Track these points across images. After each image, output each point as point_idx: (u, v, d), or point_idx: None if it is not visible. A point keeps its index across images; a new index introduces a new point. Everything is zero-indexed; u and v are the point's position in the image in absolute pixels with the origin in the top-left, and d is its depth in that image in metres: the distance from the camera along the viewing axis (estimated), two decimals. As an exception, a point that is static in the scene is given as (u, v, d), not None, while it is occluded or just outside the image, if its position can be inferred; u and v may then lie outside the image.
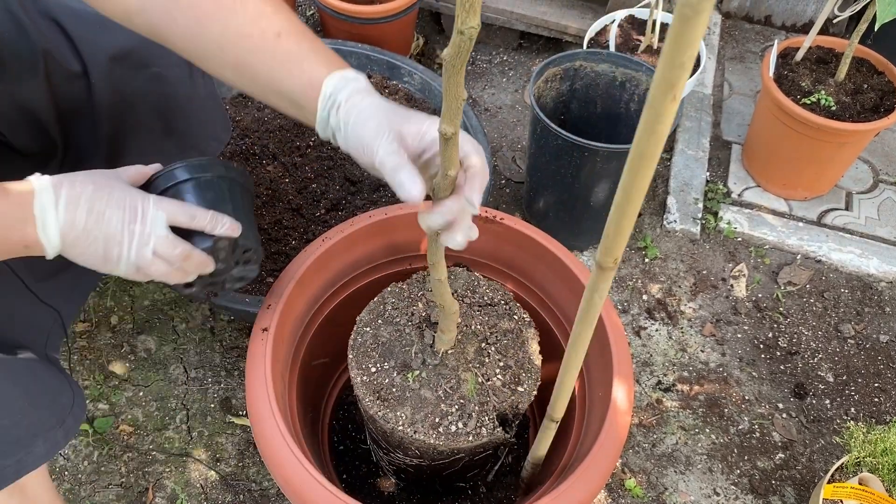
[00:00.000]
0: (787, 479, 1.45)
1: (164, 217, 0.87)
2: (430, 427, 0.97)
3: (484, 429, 0.98)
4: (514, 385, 1.03)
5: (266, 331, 1.01)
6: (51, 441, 0.91)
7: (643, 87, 1.64)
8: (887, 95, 1.74)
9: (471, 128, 1.62)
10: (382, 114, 0.77)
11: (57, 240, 0.81)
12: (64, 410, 0.93)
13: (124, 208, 0.85)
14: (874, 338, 1.68)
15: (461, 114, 0.65)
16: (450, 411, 0.98)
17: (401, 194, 0.74)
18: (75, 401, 0.95)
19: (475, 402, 1.00)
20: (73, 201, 0.81)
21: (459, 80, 0.60)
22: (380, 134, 0.76)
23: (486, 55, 2.34)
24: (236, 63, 0.84)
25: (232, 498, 1.38)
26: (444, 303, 0.94)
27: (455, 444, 0.97)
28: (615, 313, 1.09)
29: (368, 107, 0.78)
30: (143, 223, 0.86)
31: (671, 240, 1.84)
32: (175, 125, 1.18)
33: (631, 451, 1.48)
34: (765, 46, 2.40)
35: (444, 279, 0.90)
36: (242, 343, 1.60)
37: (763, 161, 1.92)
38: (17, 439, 0.87)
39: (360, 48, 1.80)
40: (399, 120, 0.77)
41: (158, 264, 0.88)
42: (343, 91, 0.80)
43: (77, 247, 0.83)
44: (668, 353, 1.63)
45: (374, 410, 0.98)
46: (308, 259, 1.11)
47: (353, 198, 1.65)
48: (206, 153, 1.25)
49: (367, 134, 0.77)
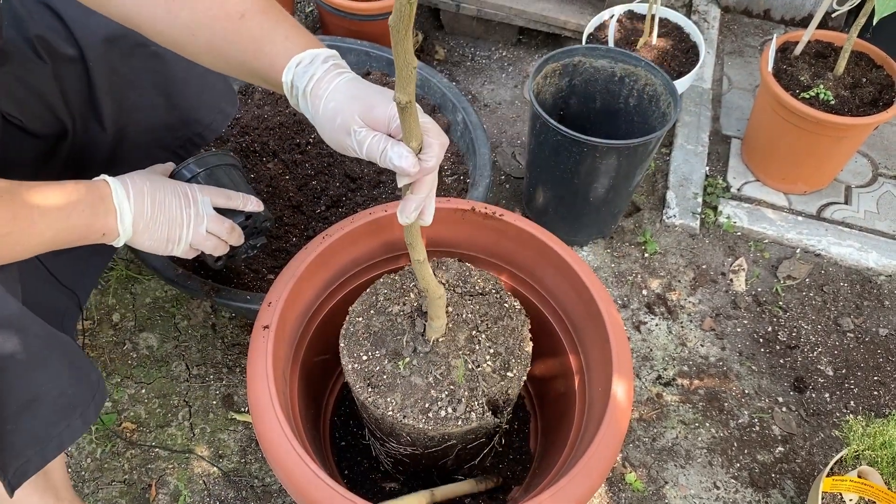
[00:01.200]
0: (787, 473, 1.46)
1: (209, 200, 1.05)
2: (419, 412, 0.98)
3: (473, 413, 0.99)
4: (504, 371, 1.04)
5: (267, 328, 1.02)
6: (85, 416, 0.94)
7: (642, 83, 1.64)
8: (886, 89, 1.74)
9: (470, 123, 1.62)
10: (347, 107, 0.78)
11: (130, 228, 0.95)
12: (93, 387, 0.96)
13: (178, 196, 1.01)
14: (873, 331, 1.68)
15: (414, 81, 0.64)
16: (439, 397, 1.00)
17: (397, 169, 0.75)
18: (100, 379, 0.98)
19: (465, 388, 1.01)
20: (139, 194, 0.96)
21: (408, 47, 0.60)
22: (348, 132, 0.77)
23: (485, 51, 2.34)
24: (209, 47, 0.86)
25: (234, 494, 1.39)
26: (427, 286, 0.94)
27: (445, 430, 0.98)
28: (615, 308, 1.09)
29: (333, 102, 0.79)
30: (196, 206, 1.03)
31: (670, 234, 1.84)
32: (177, 101, 1.22)
33: (631, 445, 1.48)
34: (764, 40, 2.39)
35: (424, 260, 0.90)
36: (244, 340, 1.61)
37: (762, 155, 1.92)
38: (63, 410, 0.91)
39: (359, 45, 1.80)
40: (365, 110, 0.77)
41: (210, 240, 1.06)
42: (301, 79, 0.81)
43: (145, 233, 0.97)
44: (668, 348, 1.64)
45: (365, 397, 1.00)
46: (309, 256, 1.11)
47: (353, 194, 1.66)
48: (212, 127, 1.29)
49: (337, 136, 0.79)
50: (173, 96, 1.20)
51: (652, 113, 1.65)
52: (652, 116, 1.65)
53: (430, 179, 0.80)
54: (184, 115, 1.24)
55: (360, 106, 0.77)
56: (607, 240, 1.83)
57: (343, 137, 0.78)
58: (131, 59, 1.12)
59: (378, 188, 1.66)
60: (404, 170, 0.74)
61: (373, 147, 0.75)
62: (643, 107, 1.67)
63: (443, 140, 0.77)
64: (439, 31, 2.38)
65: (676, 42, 1.95)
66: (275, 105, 1.80)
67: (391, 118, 0.76)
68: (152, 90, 1.17)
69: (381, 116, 0.76)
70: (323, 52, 0.83)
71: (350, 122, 0.76)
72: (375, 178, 1.68)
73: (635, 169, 1.57)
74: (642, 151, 1.51)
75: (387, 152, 0.74)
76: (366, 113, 0.76)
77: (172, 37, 0.88)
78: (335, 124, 0.78)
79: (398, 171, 0.75)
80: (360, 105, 0.77)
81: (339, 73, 0.81)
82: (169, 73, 1.17)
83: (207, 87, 1.26)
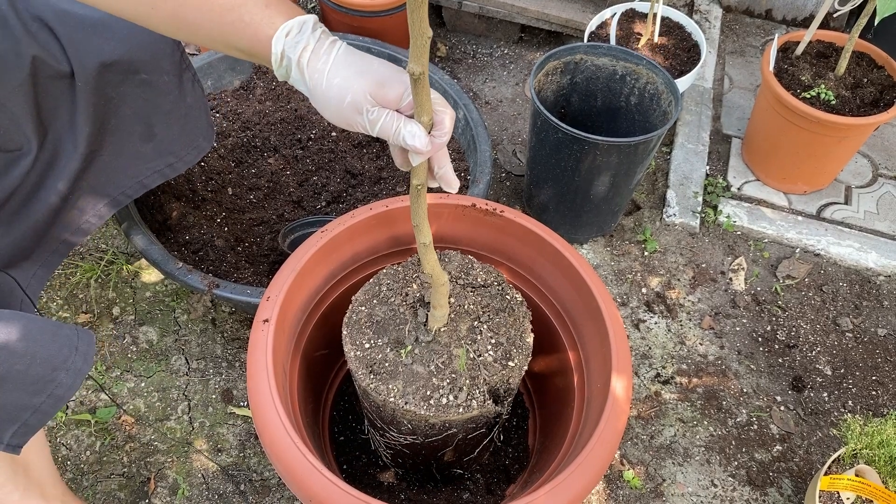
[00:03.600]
0: (785, 471, 1.46)
1: None
2: (420, 399, 0.99)
3: (474, 401, 0.99)
4: (505, 360, 1.04)
5: (267, 322, 1.02)
6: (72, 369, 0.94)
7: (643, 81, 1.64)
8: (887, 90, 1.75)
9: (471, 121, 1.62)
10: (356, 84, 0.75)
11: None
12: (70, 340, 0.95)
13: None
14: (872, 331, 1.69)
15: (427, 52, 0.64)
16: (441, 385, 1.00)
17: (411, 147, 0.75)
18: (78, 330, 0.97)
19: (466, 377, 1.01)
20: None
21: (423, 16, 0.60)
22: (360, 111, 0.75)
23: (486, 48, 2.34)
24: (173, 16, 0.79)
25: (233, 488, 1.39)
26: (431, 271, 0.95)
27: (446, 417, 0.98)
28: (614, 305, 1.09)
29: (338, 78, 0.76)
30: None
31: (670, 233, 1.85)
32: (156, 131, 1.21)
33: (629, 442, 1.49)
34: (765, 40, 2.40)
35: (430, 244, 0.90)
36: (243, 335, 1.61)
37: (763, 155, 1.92)
38: (39, 377, 0.91)
39: (361, 41, 1.80)
40: (375, 88, 0.75)
41: None
42: (294, 49, 0.77)
43: None
44: (667, 346, 1.64)
45: (367, 383, 1.00)
46: (309, 251, 1.11)
47: (353, 190, 1.66)
48: (185, 160, 1.28)
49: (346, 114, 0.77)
50: (154, 126, 1.20)
51: (653, 111, 1.65)
52: (653, 115, 1.65)
53: (443, 153, 0.81)
54: (160, 146, 1.23)
55: (369, 83, 0.75)
56: (607, 238, 1.84)
57: (353, 116, 0.77)
58: (122, 85, 1.12)
59: (378, 184, 1.67)
60: (417, 149, 0.74)
61: (386, 126, 0.75)
62: (644, 105, 1.67)
63: (451, 112, 0.77)
64: (441, 29, 2.39)
65: (678, 41, 1.95)
66: (276, 101, 1.80)
67: (402, 94, 0.76)
68: (134, 117, 1.17)
69: (392, 94, 0.75)
70: (310, 19, 0.79)
71: (362, 102, 0.75)
72: (376, 174, 1.68)
73: (636, 167, 1.57)
74: (643, 150, 1.51)
75: (400, 131, 0.74)
76: (376, 90, 0.75)
77: (130, 7, 0.81)
78: (344, 103, 0.76)
79: (411, 150, 0.76)
80: (370, 82, 0.75)
81: (331, 42, 0.78)
82: (155, 104, 1.17)
83: (190, 121, 1.25)
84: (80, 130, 1.11)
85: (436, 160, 0.81)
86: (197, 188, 1.57)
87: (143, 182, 1.25)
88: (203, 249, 1.48)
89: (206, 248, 1.48)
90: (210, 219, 1.55)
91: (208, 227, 1.52)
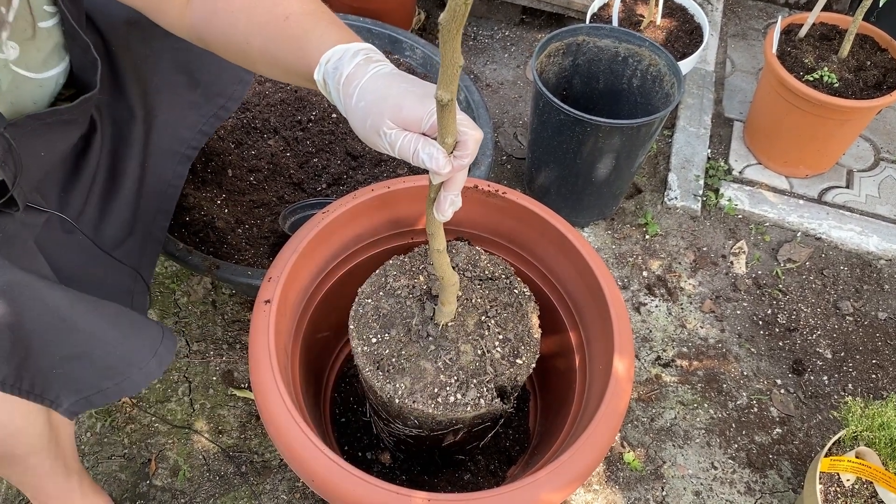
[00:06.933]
0: (785, 454, 1.46)
1: None
2: (428, 397, 0.98)
3: (482, 400, 0.98)
4: (513, 357, 1.03)
5: (269, 302, 1.01)
6: (146, 370, 0.98)
7: (646, 63, 1.63)
8: (890, 73, 1.74)
9: (472, 102, 1.61)
10: (376, 108, 0.77)
11: None
12: (153, 343, 0.98)
13: None
14: (872, 315, 1.69)
15: (457, 80, 0.64)
16: (449, 382, 0.99)
17: (429, 168, 0.75)
18: (164, 334, 1.00)
19: (474, 374, 1.00)
20: None
21: (456, 46, 0.59)
22: (379, 133, 0.77)
23: (487, 30, 2.33)
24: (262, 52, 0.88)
25: (234, 469, 1.40)
26: (443, 274, 0.94)
27: (454, 415, 0.98)
28: (616, 286, 1.09)
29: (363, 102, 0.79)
30: None
31: (672, 216, 1.84)
32: (198, 76, 1.24)
33: (630, 425, 1.49)
34: (768, 23, 2.38)
35: (444, 249, 0.90)
36: (244, 317, 1.61)
37: (765, 138, 1.91)
38: (112, 367, 0.95)
39: (362, 22, 1.79)
40: (394, 111, 0.76)
41: None
42: (332, 76, 0.81)
43: None
44: (668, 329, 1.64)
45: (374, 380, 0.99)
46: (310, 232, 1.11)
47: (354, 172, 1.65)
48: (234, 97, 1.31)
49: (369, 136, 0.79)
50: (194, 72, 1.22)
51: (655, 93, 1.64)
52: (655, 97, 1.64)
53: (461, 176, 0.80)
54: (206, 90, 1.26)
55: (389, 107, 0.76)
56: (608, 221, 1.83)
57: (375, 138, 0.78)
58: (152, 40, 1.14)
59: (380, 166, 1.66)
60: (435, 170, 0.74)
61: (405, 147, 0.76)
62: (646, 87, 1.66)
63: (477, 135, 0.76)
64: (441, 10, 2.36)
65: (680, 23, 1.94)
66: (276, 81, 1.79)
67: (422, 117, 0.76)
68: (173, 69, 1.19)
69: (412, 116, 0.76)
70: (353, 47, 0.82)
71: (380, 124, 0.76)
72: (377, 156, 1.67)
73: (638, 150, 1.57)
74: (645, 132, 1.50)
75: (419, 153, 0.74)
76: (395, 114, 0.76)
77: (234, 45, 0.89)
78: (366, 125, 0.78)
79: (430, 171, 0.75)
80: (389, 106, 0.76)
81: (370, 67, 0.80)
82: (188, 49, 1.17)
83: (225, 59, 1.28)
84: (132, 98, 1.14)
85: (451, 180, 0.79)
86: (197, 169, 1.56)
87: (203, 129, 1.28)
88: (203, 231, 1.47)
89: (206, 230, 1.47)
90: (210, 200, 1.54)
91: (208, 208, 1.51)
